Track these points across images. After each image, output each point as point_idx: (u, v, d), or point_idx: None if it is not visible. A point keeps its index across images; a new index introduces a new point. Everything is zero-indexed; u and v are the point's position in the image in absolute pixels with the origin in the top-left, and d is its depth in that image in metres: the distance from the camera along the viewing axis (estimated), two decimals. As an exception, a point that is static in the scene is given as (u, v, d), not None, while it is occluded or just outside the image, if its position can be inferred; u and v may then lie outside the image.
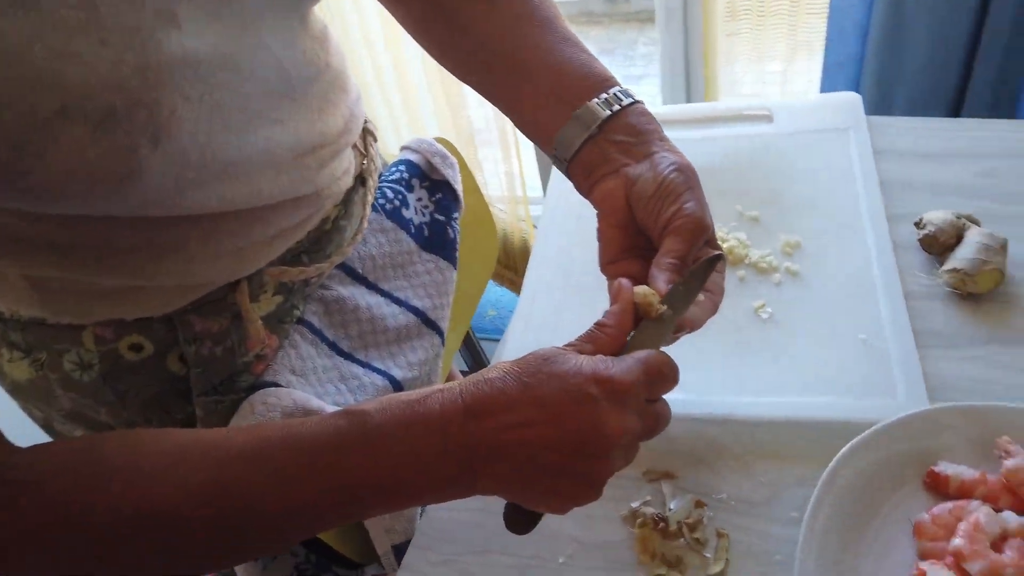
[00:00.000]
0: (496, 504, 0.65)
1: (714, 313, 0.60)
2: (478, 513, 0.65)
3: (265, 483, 0.48)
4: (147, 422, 0.68)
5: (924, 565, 0.52)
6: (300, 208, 0.66)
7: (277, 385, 0.70)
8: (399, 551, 0.70)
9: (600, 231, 0.64)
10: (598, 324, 0.55)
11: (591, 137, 0.63)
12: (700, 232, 0.58)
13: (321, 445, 0.48)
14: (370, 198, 0.79)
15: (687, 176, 0.60)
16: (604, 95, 0.63)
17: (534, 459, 0.48)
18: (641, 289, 0.58)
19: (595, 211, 0.64)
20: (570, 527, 0.62)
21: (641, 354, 0.52)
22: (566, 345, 0.54)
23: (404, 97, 1.82)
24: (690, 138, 0.95)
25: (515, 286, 2.01)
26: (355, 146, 0.76)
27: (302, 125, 0.62)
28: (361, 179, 0.79)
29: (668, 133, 0.95)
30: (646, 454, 0.65)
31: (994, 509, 0.55)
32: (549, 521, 0.62)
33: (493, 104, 0.73)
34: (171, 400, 0.67)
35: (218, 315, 0.66)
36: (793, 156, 0.90)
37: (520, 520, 0.54)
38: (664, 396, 0.53)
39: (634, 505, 0.62)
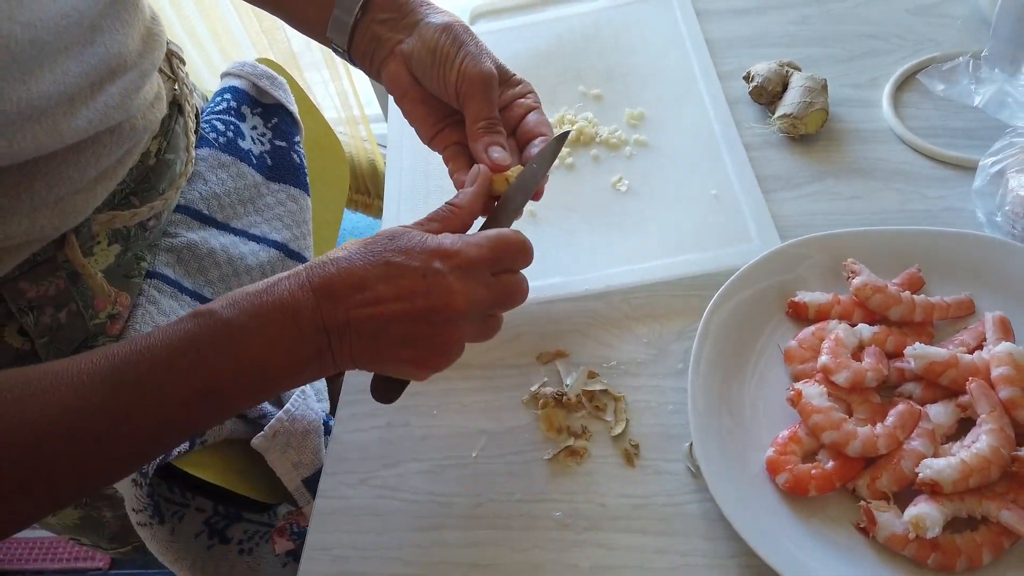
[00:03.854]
0: (399, 418, 0.65)
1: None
2: (384, 430, 0.65)
3: (128, 400, 0.45)
4: None
5: (798, 385, 0.57)
6: (115, 144, 0.61)
7: (144, 345, 0.65)
8: (309, 484, 0.69)
9: (405, 113, 0.65)
10: (449, 203, 0.56)
11: (358, 22, 0.63)
12: (488, 83, 0.60)
13: (176, 351, 0.46)
14: (191, 125, 0.74)
15: (455, 33, 0.60)
16: None
17: (385, 332, 0.50)
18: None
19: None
20: (477, 422, 0.63)
21: (490, 232, 0.54)
22: (414, 224, 0.54)
23: (211, 28, 1.68)
24: (521, 24, 0.94)
25: (370, 209, 1.97)
26: (162, 70, 0.70)
27: (89, 49, 0.56)
28: (177, 107, 0.73)
29: (497, 23, 0.96)
30: (536, 339, 0.67)
31: (849, 325, 0.61)
32: (456, 420, 0.64)
33: (258, 5, 0.71)
34: None
35: (51, 276, 0.60)
36: (624, 29, 0.91)
37: (385, 388, 0.56)
38: (524, 272, 0.55)
39: (533, 388, 0.64)
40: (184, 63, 0.76)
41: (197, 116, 0.78)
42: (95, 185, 0.60)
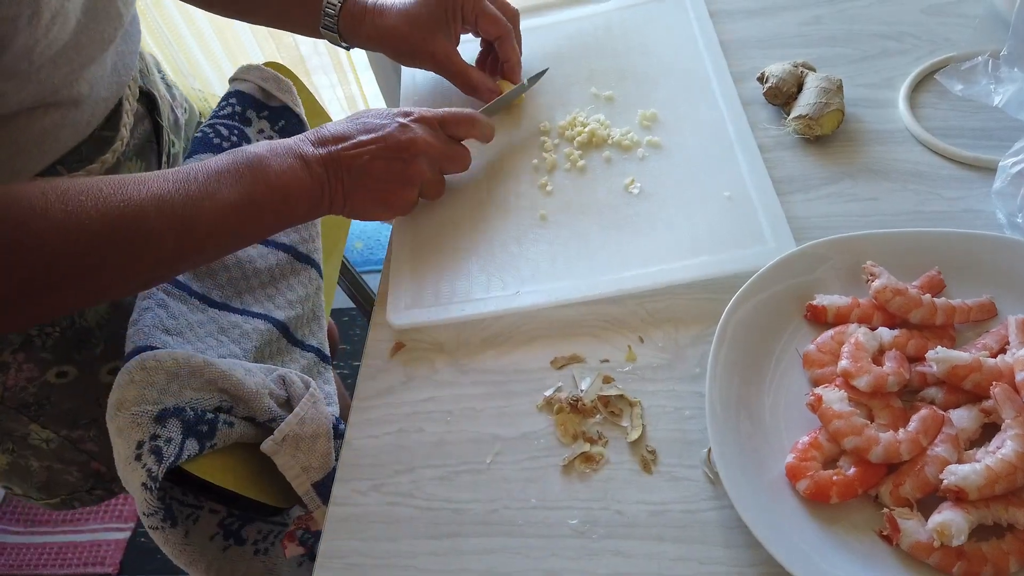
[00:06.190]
0: (412, 424, 0.65)
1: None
2: (397, 436, 0.64)
3: (194, 194, 0.58)
4: None
5: (819, 390, 0.56)
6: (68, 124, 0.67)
7: (153, 347, 0.65)
8: (320, 488, 0.69)
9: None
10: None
11: (351, 41, 0.84)
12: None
13: (222, 166, 0.61)
14: (130, 106, 0.77)
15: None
16: (325, 14, 0.81)
17: (368, 168, 0.67)
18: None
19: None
20: (491, 428, 0.63)
21: (447, 109, 0.74)
22: None
23: (218, 32, 1.68)
24: (530, 26, 0.93)
25: (375, 212, 1.96)
26: None
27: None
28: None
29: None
30: (550, 343, 0.66)
31: (869, 328, 0.60)
32: (470, 425, 0.63)
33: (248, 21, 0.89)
34: None
35: None
36: (636, 30, 0.90)
37: None
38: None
39: (547, 393, 0.63)
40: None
41: (151, 99, 0.82)
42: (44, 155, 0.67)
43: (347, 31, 0.82)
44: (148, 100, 0.81)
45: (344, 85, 1.80)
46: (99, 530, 1.70)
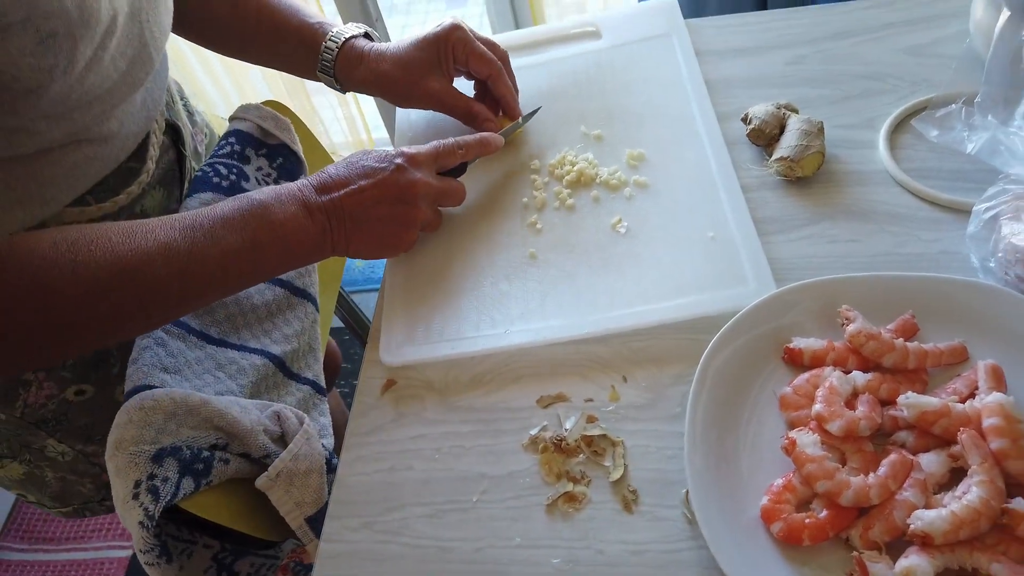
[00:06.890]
0: (402, 462, 0.66)
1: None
2: (387, 473, 0.66)
3: (199, 241, 0.62)
4: None
5: (793, 433, 0.58)
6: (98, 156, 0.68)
7: (151, 387, 0.67)
8: (313, 523, 0.71)
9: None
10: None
11: (346, 85, 0.88)
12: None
13: (227, 212, 0.65)
14: (157, 140, 0.78)
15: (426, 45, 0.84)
16: (322, 59, 0.85)
17: (368, 214, 0.70)
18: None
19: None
20: (478, 466, 0.65)
21: (436, 141, 0.77)
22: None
23: (223, 59, 1.71)
24: (524, 64, 0.96)
25: (375, 232, 1.98)
26: None
27: None
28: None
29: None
30: (537, 382, 0.68)
31: (844, 372, 0.62)
32: (458, 463, 0.65)
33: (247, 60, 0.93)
34: None
35: None
36: (624, 69, 0.92)
37: None
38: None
39: (533, 432, 0.65)
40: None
41: (175, 130, 0.83)
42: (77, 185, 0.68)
43: (343, 75, 0.86)
44: (173, 131, 0.83)
45: (343, 106, 1.83)
46: (102, 548, 1.73)
